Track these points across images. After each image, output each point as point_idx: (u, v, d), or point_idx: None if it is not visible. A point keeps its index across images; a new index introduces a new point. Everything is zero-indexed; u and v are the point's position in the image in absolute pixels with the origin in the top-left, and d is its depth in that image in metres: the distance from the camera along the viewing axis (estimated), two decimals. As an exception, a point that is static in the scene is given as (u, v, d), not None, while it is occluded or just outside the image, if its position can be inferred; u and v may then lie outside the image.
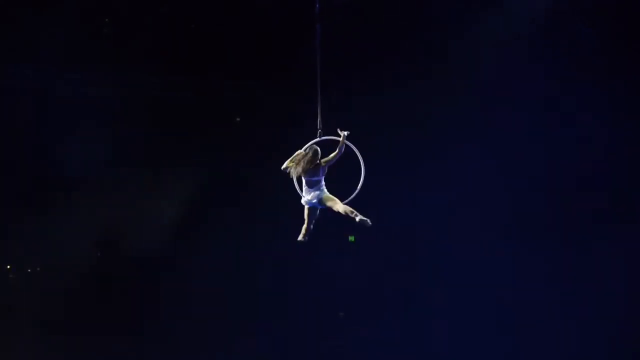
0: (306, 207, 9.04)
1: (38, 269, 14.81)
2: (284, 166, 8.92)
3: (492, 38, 14.15)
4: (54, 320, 14.35)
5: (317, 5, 9.92)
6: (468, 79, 14.34)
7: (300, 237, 9.16)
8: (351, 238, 15.06)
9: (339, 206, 8.85)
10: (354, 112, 13.87)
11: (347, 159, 9.00)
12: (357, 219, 8.63)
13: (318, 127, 9.28)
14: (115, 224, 14.69)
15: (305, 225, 9.08)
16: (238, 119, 15.19)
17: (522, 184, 14.65)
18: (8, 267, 14.77)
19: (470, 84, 14.40)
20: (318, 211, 9.06)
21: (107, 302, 14.57)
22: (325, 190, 8.96)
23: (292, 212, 9.31)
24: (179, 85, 14.66)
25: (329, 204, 8.92)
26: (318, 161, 8.86)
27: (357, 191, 9.14)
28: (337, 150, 8.83)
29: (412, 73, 14.26)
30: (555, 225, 14.70)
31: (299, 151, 8.93)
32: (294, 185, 9.09)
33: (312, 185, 8.95)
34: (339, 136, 8.81)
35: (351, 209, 8.75)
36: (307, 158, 8.87)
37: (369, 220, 8.60)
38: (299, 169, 8.86)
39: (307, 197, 8.98)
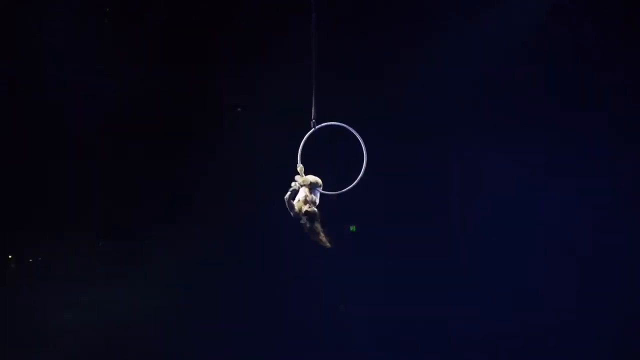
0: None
1: (39, 259, 14.84)
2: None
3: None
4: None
5: None
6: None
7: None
8: (352, 228, 15.06)
9: None
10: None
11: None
12: None
13: (312, 117, 9.05)
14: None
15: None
16: (239, 109, 15.14)
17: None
18: (9, 257, 14.79)
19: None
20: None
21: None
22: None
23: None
24: (179, 76, 14.64)
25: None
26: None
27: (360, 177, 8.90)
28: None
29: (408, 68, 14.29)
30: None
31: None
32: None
33: None
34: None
35: None
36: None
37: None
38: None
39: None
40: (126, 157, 14.62)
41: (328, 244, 8.43)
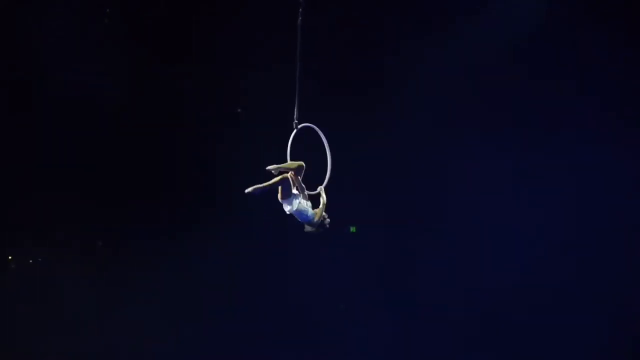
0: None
1: (40, 259, 14.83)
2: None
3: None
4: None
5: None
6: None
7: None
8: (352, 229, 15.06)
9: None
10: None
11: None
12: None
13: (295, 118, 9.11)
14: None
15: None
16: (239, 110, 15.13)
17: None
18: (10, 257, 14.79)
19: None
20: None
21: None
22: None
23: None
24: (179, 75, 14.63)
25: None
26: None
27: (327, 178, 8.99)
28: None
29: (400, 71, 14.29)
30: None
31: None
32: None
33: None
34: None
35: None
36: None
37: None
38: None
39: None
40: (125, 158, 14.63)
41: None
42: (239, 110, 15.13)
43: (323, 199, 8.85)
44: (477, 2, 14.11)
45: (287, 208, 8.70)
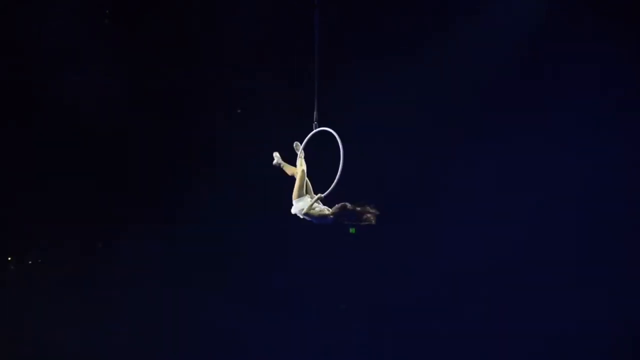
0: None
1: (39, 260, 14.84)
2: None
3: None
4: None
5: None
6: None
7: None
8: (352, 230, 15.03)
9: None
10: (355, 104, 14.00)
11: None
12: None
13: (314, 119, 9.12)
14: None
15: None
16: (239, 110, 15.14)
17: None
18: (9, 258, 14.80)
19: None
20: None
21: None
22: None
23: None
24: (179, 75, 14.63)
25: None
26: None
27: (335, 181, 8.95)
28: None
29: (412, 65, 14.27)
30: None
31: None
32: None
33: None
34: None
35: None
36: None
37: None
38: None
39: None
40: (125, 158, 14.64)
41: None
42: (239, 110, 15.13)
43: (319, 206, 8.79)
44: (477, 2, 14.11)
45: (298, 207, 8.65)
